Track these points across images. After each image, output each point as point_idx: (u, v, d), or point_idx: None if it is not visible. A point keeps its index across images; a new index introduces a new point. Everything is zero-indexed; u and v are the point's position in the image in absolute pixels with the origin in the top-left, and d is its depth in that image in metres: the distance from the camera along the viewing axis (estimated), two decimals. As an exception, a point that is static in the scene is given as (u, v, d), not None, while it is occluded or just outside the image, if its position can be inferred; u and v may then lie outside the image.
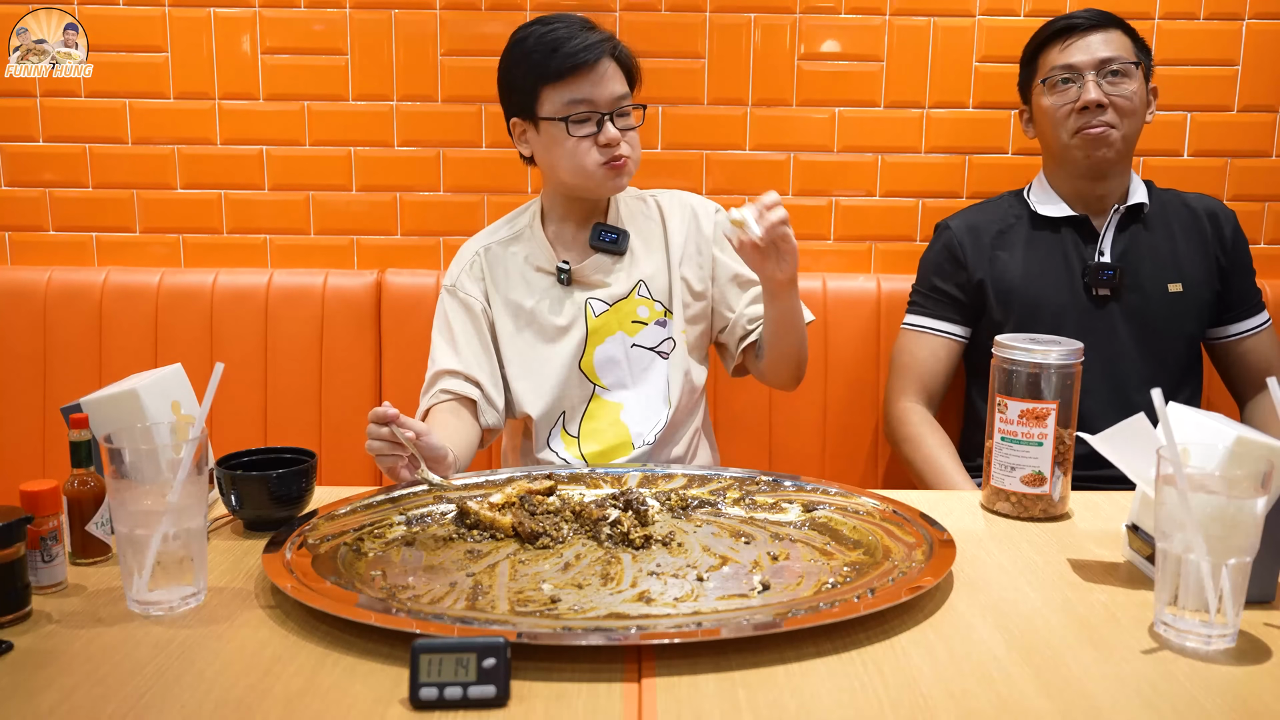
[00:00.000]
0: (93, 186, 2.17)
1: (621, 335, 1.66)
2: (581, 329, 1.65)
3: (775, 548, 1.15)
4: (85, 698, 0.85)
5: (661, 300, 1.69)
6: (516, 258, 1.69)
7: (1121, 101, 1.75)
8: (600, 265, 1.67)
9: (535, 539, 1.16)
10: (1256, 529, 0.92)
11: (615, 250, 1.67)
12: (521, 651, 0.88)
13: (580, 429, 1.66)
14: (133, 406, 1.16)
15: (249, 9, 2.10)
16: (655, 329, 1.68)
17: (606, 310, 1.66)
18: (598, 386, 1.67)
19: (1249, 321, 1.89)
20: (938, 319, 1.88)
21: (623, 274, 1.68)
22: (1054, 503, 1.29)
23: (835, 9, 2.12)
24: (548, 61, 1.54)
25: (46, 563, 1.04)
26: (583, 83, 1.54)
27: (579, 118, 1.55)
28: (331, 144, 2.15)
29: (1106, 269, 1.79)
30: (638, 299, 1.67)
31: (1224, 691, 0.87)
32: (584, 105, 1.55)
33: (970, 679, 0.89)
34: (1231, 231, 1.86)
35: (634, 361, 1.67)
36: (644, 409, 1.66)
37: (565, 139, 1.56)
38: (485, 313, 1.66)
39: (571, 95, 1.55)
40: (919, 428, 1.83)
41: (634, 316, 1.67)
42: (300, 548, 1.10)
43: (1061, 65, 1.78)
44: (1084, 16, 1.80)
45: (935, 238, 1.93)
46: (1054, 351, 1.26)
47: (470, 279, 1.68)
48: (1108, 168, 1.79)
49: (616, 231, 1.67)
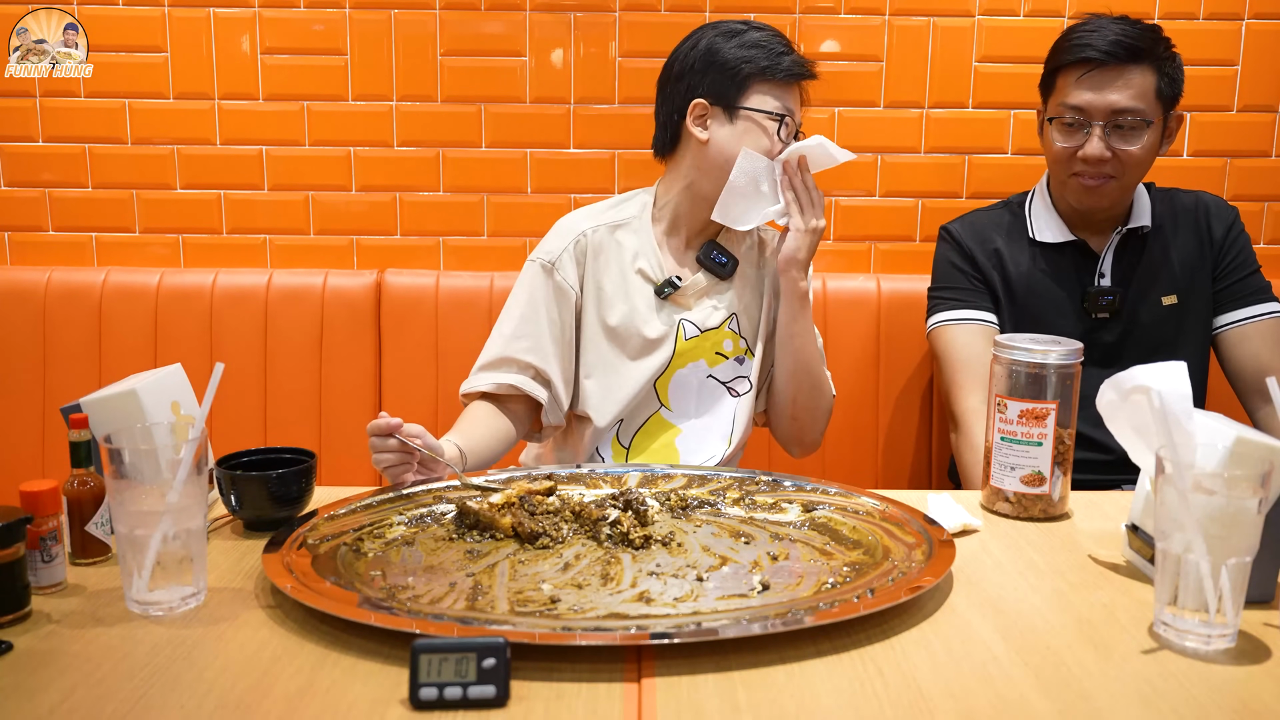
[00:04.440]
0: (92, 187, 2.17)
1: (702, 363, 1.63)
2: (670, 349, 1.60)
3: (775, 548, 1.15)
4: (85, 698, 0.85)
5: (747, 338, 1.65)
6: (623, 250, 1.61)
7: (1126, 155, 1.66)
8: (703, 287, 1.62)
9: (535, 539, 1.16)
10: (1256, 529, 0.92)
11: (722, 274, 1.63)
12: (521, 651, 0.88)
13: (633, 441, 1.63)
14: (132, 407, 1.16)
15: (249, 9, 2.10)
16: (733, 365, 1.64)
17: (696, 336, 1.61)
18: (664, 407, 1.63)
19: (1251, 309, 1.78)
20: (972, 308, 1.79)
21: (721, 302, 1.64)
22: (1054, 503, 1.29)
23: (835, 9, 2.12)
24: (777, 62, 1.56)
25: (46, 563, 1.04)
26: (791, 95, 1.58)
27: (774, 119, 1.57)
28: (331, 144, 2.15)
29: (1106, 294, 1.75)
30: (727, 332, 1.63)
31: (1224, 691, 0.87)
32: (790, 116, 1.58)
33: (970, 679, 0.89)
34: (1225, 228, 1.80)
35: (705, 392, 1.64)
36: (700, 440, 1.63)
37: (761, 137, 1.56)
38: (578, 301, 1.59)
39: (783, 103, 1.57)
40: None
41: (719, 348, 1.63)
42: (300, 548, 1.10)
43: (1072, 105, 1.66)
44: (1108, 49, 1.63)
45: (941, 240, 1.88)
46: (1054, 351, 1.26)
47: (571, 260, 1.59)
48: (1100, 212, 1.75)
49: (728, 255, 1.63)
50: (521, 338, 1.56)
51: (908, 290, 2.06)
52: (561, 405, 1.59)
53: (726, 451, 1.63)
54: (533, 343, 1.56)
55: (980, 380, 1.70)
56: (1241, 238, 1.82)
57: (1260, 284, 1.81)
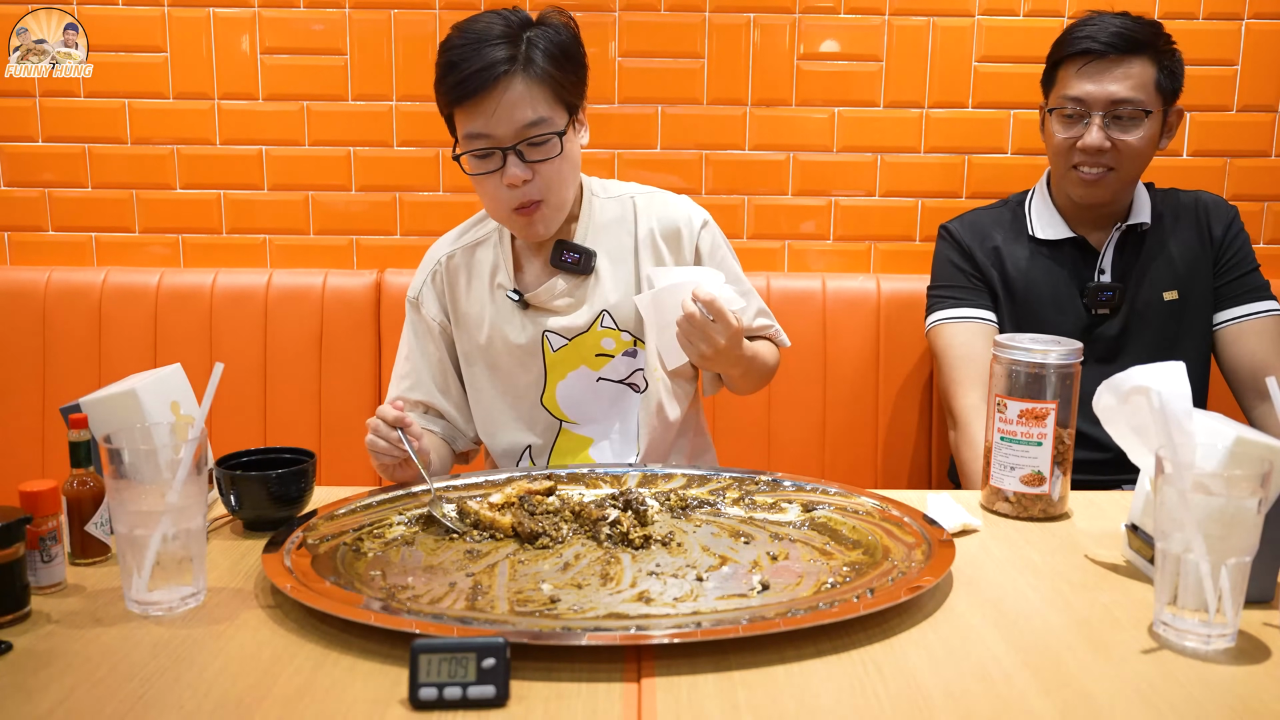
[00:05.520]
0: (92, 186, 2.17)
1: (584, 370, 1.54)
2: (540, 364, 1.54)
3: (775, 548, 1.15)
4: (84, 698, 0.85)
5: (629, 329, 1.54)
6: (483, 267, 1.55)
7: (1125, 146, 1.67)
8: (559, 289, 1.51)
9: (535, 539, 1.16)
10: (1256, 529, 0.92)
11: (578, 271, 1.51)
12: (521, 651, 0.88)
13: (549, 463, 1.57)
14: (132, 407, 1.16)
15: (248, 9, 2.10)
16: (624, 360, 1.55)
17: (565, 345, 1.53)
18: (565, 422, 1.57)
19: (1249, 307, 1.79)
20: (971, 306, 1.80)
21: (585, 302, 1.53)
22: (1053, 503, 1.29)
23: (835, 9, 2.12)
24: (442, 83, 1.38)
25: (46, 563, 1.04)
26: (477, 113, 1.36)
27: (480, 153, 1.39)
28: (331, 144, 2.15)
29: (1106, 289, 1.75)
30: (600, 330, 1.53)
31: (1223, 691, 0.87)
32: (481, 140, 1.38)
33: (970, 679, 0.89)
34: (1224, 226, 1.80)
35: (601, 395, 1.55)
36: (614, 446, 1.56)
37: (471, 176, 1.43)
38: (446, 330, 1.57)
39: (469, 127, 1.38)
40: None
41: (597, 350, 1.53)
42: (300, 548, 1.10)
43: (1072, 97, 1.68)
44: (1108, 40, 1.66)
45: (941, 239, 1.89)
46: (1054, 351, 1.26)
47: (431, 293, 1.58)
48: (1100, 207, 1.76)
49: (580, 251, 1.51)
50: (405, 377, 1.58)
51: (908, 290, 2.06)
52: (465, 433, 1.60)
53: (637, 456, 1.55)
54: (414, 380, 1.57)
55: (979, 378, 1.71)
56: (1241, 236, 1.82)
57: (1258, 282, 1.81)
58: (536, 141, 1.38)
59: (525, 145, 1.38)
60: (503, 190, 1.41)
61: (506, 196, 1.41)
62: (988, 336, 1.75)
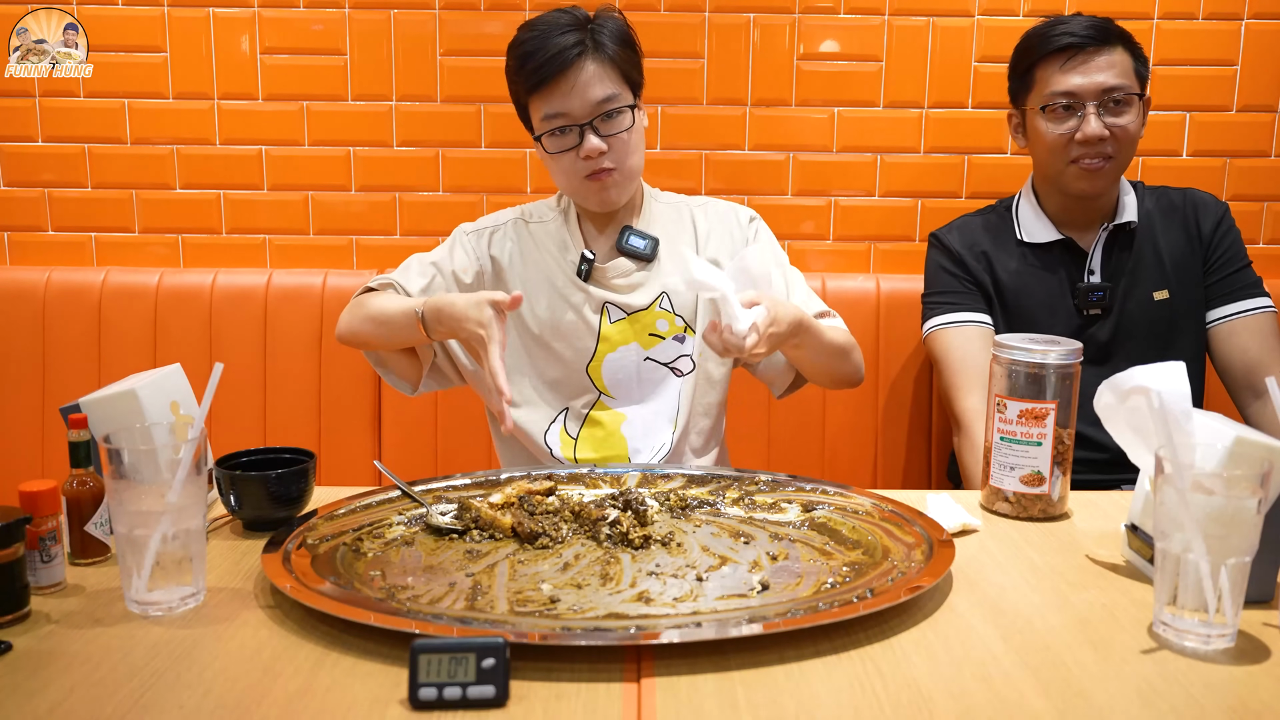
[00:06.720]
0: (92, 187, 2.17)
1: (636, 347, 1.59)
2: (595, 333, 1.59)
3: (774, 548, 1.15)
4: (84, 698, 0.85)
5: (684, 315, 1.60)
6: (546, 240, 1.62)
7: (1121, 131, 1.69)
8: (624, 270, 1.59)
9: (534, 539, 1.16)
10: (1255, 529, 0.92)
11: (643, 257, 1.59)
12: (520, 652, 0.88)
13: (580, 432, 1.61)
14: (131, 407, 1.16)
15: (248, 9, 2.10)
16: (672, 344, 1.60)
17: (623, 319, 1.59)
18: (603, 394, 1.61)
19: (1241, 304, 1.78)
20: (967, 310, 1.80)
21: (647, 284, 1.60)
22: (1053, 503, 1.29)
23: (834, 9, 2.12)
24: (520, 73, 1.50)
25: (45, 563, 1.04)
26: (554, 94, 1.48)
27: (558, 131, 1.50)
28: (330, 144, 2.15)
29: (1096, 290, 1.76)
30: (659, 311, 1.59)
31: (1223, 691, 0.87)
32: (560, 119, 1.49)
33: (969, 679, 0.89)
34: (1214, 223, 1.80)
35: (645, 376, 1.60)
36: (647, 425, 1.60)
37: (548, 156, 1.53)
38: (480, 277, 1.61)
39: (547, 109, 1.49)
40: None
41: (652, 329, 1.59)
42: (299, 548, 1.10)
43: (1063, 91, 1.69)
44: (1085, 33, 1.69)
45: (931, 247, 1.88)
46: (1053, 351, 1.26)
47: (483, 243, 1.62)
48: (1096, 199, 1.76)
49: (645, 237, 1.59)
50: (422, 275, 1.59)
51: (907, 290, 2.06)
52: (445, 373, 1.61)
53: (673, 433, 1.59)
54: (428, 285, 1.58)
55: (979, 380, 1.71)
56: (1231, 233, 1.82)
57: (1250, 279, 1.81)
58: (610, 114, 1.50)
59: (599, 120, 1.49)
60: (579, 162, 1.51)
61: (582, 166, 1.51)
62: (985, 339, 1.75)
